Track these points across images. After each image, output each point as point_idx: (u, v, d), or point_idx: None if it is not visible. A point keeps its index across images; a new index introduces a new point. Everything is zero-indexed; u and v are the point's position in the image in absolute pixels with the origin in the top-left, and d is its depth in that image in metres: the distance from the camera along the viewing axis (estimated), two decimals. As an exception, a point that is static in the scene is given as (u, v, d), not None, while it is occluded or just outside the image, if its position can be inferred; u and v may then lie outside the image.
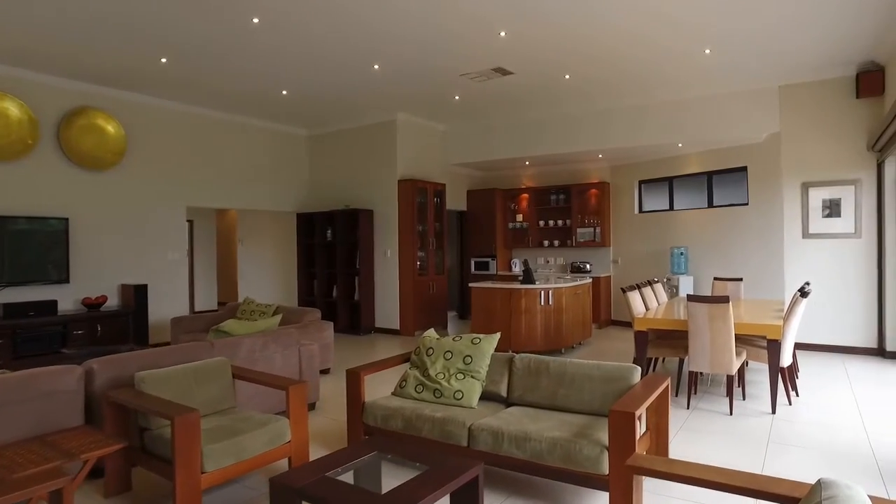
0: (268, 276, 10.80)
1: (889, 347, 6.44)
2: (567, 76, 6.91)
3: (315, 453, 3.67)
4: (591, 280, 7.80)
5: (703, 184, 8.26)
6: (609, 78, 6.99)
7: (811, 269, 6.97)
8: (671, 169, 8.56)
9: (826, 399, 4.89)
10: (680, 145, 8.02)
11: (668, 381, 3.23)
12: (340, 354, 7.28)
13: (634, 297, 5.36)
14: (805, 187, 7.02)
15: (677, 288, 7.91)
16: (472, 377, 3.61)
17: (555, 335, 6.86)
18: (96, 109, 6.96)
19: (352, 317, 9.13)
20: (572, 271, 9.44)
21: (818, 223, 6.98)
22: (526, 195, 10.11)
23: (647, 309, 5.64)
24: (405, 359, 3.99)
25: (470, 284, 7.25)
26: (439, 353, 3.75)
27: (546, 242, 9.90)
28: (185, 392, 3.34)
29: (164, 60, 6.19)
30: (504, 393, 3.59)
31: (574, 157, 8.98)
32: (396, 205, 8.81)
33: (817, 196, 6.96)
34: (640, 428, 3.24)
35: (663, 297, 6.39)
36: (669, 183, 8.69)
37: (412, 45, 5.90)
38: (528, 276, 6.93)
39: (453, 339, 3.81)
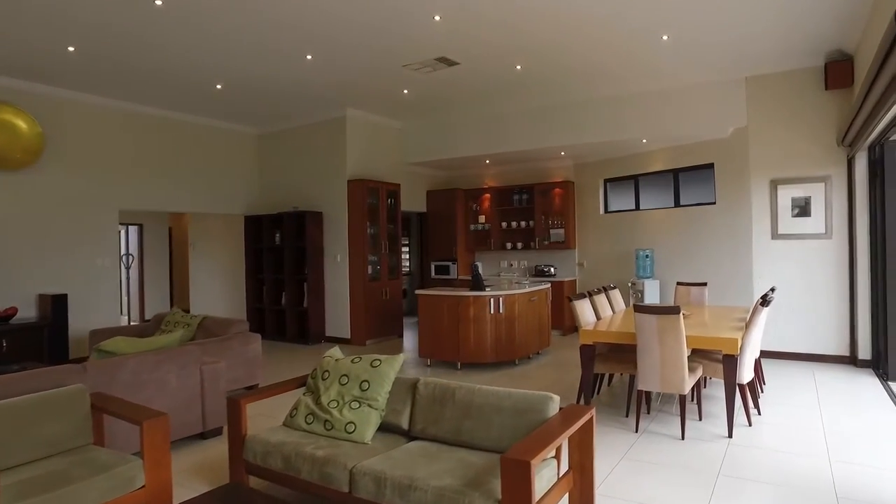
0: (220, 282, 10.21)
1: (861, 356, 5.99)
2: (518, 67, 6.41)
3: (187, 494, 3.13)
4: (549, 285, 7.30)
5: (670, 182, 7.80)
6: (564, 69, 6.50)
7: (781, 271, 6.52)
8: (637, 166, 8.10)
9: (790, 418, 4.41)
10: (644, 141, 7.55)
11: (591, 413, 2.72)
12: (277, 368, 6.73)
13: (583, 307, 4.86)
14: (774, 185, 6.57)
15: (642, 293, 7.44)
16: (368, 406, 3.08)
17: (507, 346, 6.35)
18: (3, 103, 6.35)
19: (301, 325, 8.58)
20: (536, 275, 8.94)
21: (788, 223, 6.53)
22: (488, 195, 9.61)
23: (598, 319, 5.15)
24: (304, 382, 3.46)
25: (416, 291, 6.73)
26: (335, 378, 3.22)
27: (509, 245, 9.40)
28: (16, 431, 2.79)
29: (70, 49, 5.61)
30: (405, 425, 3.07)
31: (536, 154, 8.49)
32: (346, 206, 8.28)
33: (787, 194, 6.52)
34: (562, 467, 2.74)
35: (620, 304, 5.90)
36: (635, 181, 8.23)
37: (344, 33, 5.38)
38: (476, 283, 6.42)
39: (352, 360, 3.28)
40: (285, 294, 8.67)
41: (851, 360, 6.14)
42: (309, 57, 6.03)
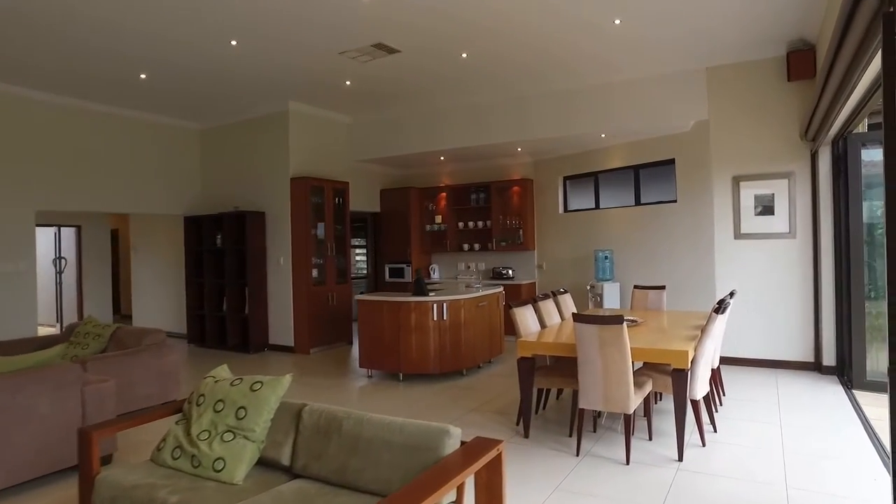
0: (163, 287, 9.60)
1: (826, 362, 5.65)
2: (464, 55, 5.95)
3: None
4: (501, 289, 6.85)
5: (630, 179, 7.41)
6: (513, 60, 6.06)
7: (744, 273, 6.17)
8: (596, 163, 7.70)
9: (747, 436, 4.01)
10: (603, 136, 7.16)
11: (498, 449, 2.25)
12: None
13: (524, 315, 4.41)
14: (736, 181, 6.21)
15: (602, 296, 7.03)
16: (244, 438, 2.58)
17: (452, 355, 5.88)
18: None
19: (243, 333, 8.01)
20: (494, 277, 8.50)
21: (751, 222, 6.18)
22: (444, 194, 9.14)
23: (543, 327, 4.70)
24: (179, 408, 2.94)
25: (356, 297, 6.23)
26: (210, 403, 2.71)
27: (466, 246, 8.94)
28: None
29: (-41, 28, 5.01)
30: (286, 460, 2.57)
31: (492, 150, 8.05)
32: (289, 206, 7.74)
33: (749, 191, 6.17)
34: (466, 511, 2.27)
35: (572, 309, 5.46)
36: (595, 179, 7.83)
37: (267, 15, 4.86)
38: (419, 288, 5.94)
39: (231, 382, 2.78)
40: (226, 300, 8.10)
41: (816, 367, 5.79)
42: (233, 42, 5.50)
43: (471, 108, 7.66)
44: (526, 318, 4.40)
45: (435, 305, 5.77)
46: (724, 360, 6.06)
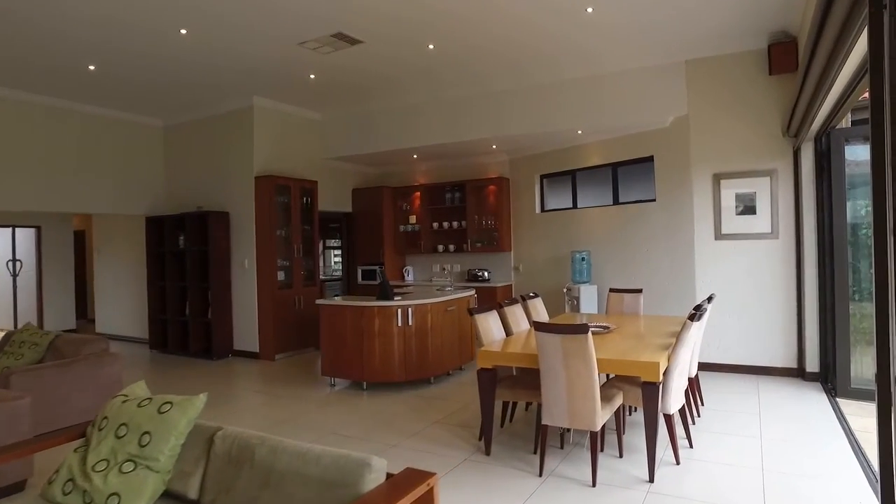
0: (127, 290, 9.20)
1: (809, 368, 5.40)
2: (431, 46, 5.64)
3: None
4: (473, 292, 6.54)
5: (609, 178, 7.14)
6: (484, 52, 5.77)
7: (725, 275, 5.91)
8: (574, 161, 7.42)
9: (725, 452, 3.73)
10: (579, 132, 6.88)
11: (429, 484, 1.94)
12: (167, 388, 5.76)
13: (486, 322, 4.10)
14: (717, 179, 5.96)
15: (578, 300, 6.75)
16: (146, 468, 2.24)
17: (418, 362, 5.56)
18: None
19: (206, 338, 7.64)
20: (469, 279, 8.20)
21: (732, 221, 5.92)
22: (419, 193, 8.82)
23: (509, 335, 4.40)
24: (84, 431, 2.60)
25: (317, 301, 5.89)
26: (112, 427, 2.38)
27: (441, 247, 8.62)
28: None
29: None
30: (194, 493, 2.23)
31: (466, 147, 7.75)
32: (254, 206, 7.39)
33: (730, 189, 5.91)
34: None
35: (543, 316, 5.16)
36: (572, 177, 7.55)
37: (215, 2, 4.54)
38: (383, 291, 5.62)
39: (139, 403, 2.44)
40: (189, 304, 7.73)
41: (799, 373, 5.54)
42: (183, 31, 5.15)
43: (444, 104, 7.35)
44: (488, 325, 4.09)
45: (399, 310, 5.45)
46: (704, 367, 5.80)
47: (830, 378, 5.10)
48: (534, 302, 5.07)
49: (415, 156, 8.28)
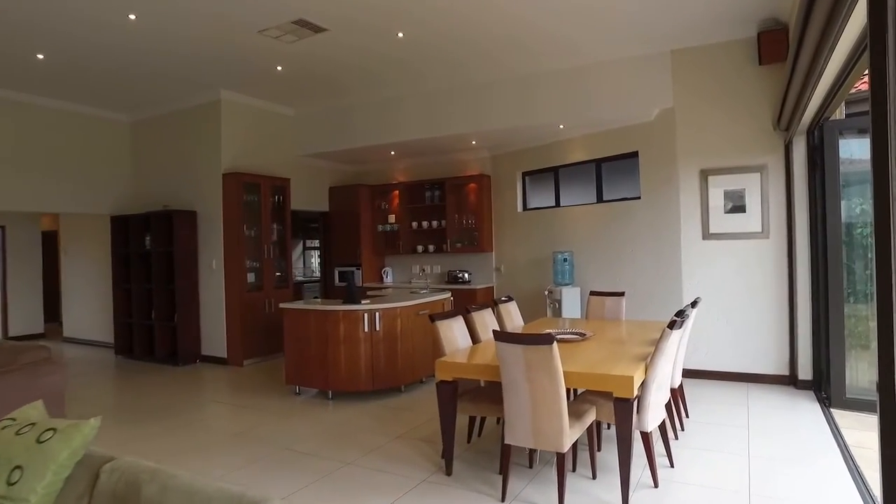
0: (94, 292, 8.83)
1: (802, 375, 5.08)
2: (400, 34, 5.30)
3: None
4: (449, 295, 6.21)
5: (592, 174, 6.82)
6: (457, 40, 5.43)
7: (713, 276, 5.59)
8: (556, 157, 7.09)
9: (710, 471, 3.41)
10: (561, 126, 6.56)
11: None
12: (120, 400, 5.47)
13: (448, 329, 3.77)
14: (704, 175, 5.64)
15: (560, 303, 6.43)
16: (17, 511, 1.90)
17: (387, 371, 5.23)
18: None
19: (172, 343, 7.28)
20: (449, 281, 7.87)
21: (720, 220, 5.60)
22: (397, 192, 8.48)
23: (476, 342, 4.06)
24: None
25: (281, 305, 5.55)
26: (-15, 461, 2.03)
27: (420, 247, 8.28)
28: None
29: None
30: (73, 542, 1.89)
31: (446, 143, 7.42)
32: (221, 205, 7.03)
33: (719, 186, 5.59)
34: None
35: (517, 321, 4.83)
36: (555, 174, 7.22)
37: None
38: (350, 295, 5.28)
39: (19, 430, 2.09)
40: (155, 307, 7.37)
41: (791, 381, 5.23)
42: (132, 17, 4.80)
43: (421, 98, 7.02)
44: (451, 332, 3.76)
45: (366, 315, 5.11)
46: (691, 374, 5.49)
47: (824, 386, 4.79)
48: (507, 306, 4.73)
49: (392, 153, 7.94)
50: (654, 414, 3.21)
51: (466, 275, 7.77)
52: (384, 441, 4.11)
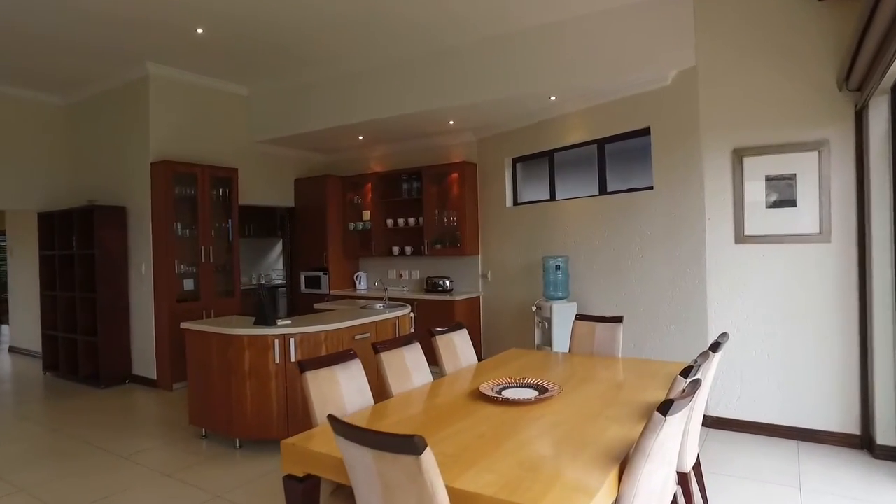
0: (36, 299, 7.83)
1: (881, 439, 3.59)
2: (329, -30, 4.04)
3: None
4: (408, 311, 4.92)
5: (594, 159, 5.41)
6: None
7: (750, 295, 4.14)
8: (551, 139, 5.70)
9: None
10: (553, 98, 5.18)
11: None
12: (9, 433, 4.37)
13: (329, 383, 2.47)
14: (738, 156, 4.19)
15: (550, 322, 5.06)
16: None
17: (307, 414, 3.95)
18: None
19: (96, 361, 6.20)
20: (428, 289, 6.57)
21: (761, 217, 4.14)
22: (370, 184, 7.22)
23: (389, 398, 2.76)
24: None
25: (182, 324, 4.34)
26: None
27: (396, 249, 7.00)
28: None
29: None
30: None
31: (419, 124, 6.13)
32: (150, 198, 5.91)
33: (758, 171, 4.13)
34: None
35: (468, 359, 3.48)
36: (550, 159, 5.84)
37: None
38: (261, 314, 4.03)
39: None
40: (78, 318, 6.30)
41: (865, 444, 3.75)
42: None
43: (385, 71, 5.75)
44: (335, 388, 2.45)
45: (277, 342, 3.86)
46: (718, 424, 4.09)
47: (913, 456, 3.32)
48: (451, 337, 3.39)
49: (360, 137, 6.68)
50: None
51: (447, 282, 6.45)
52: (258, 534, 2.85)
